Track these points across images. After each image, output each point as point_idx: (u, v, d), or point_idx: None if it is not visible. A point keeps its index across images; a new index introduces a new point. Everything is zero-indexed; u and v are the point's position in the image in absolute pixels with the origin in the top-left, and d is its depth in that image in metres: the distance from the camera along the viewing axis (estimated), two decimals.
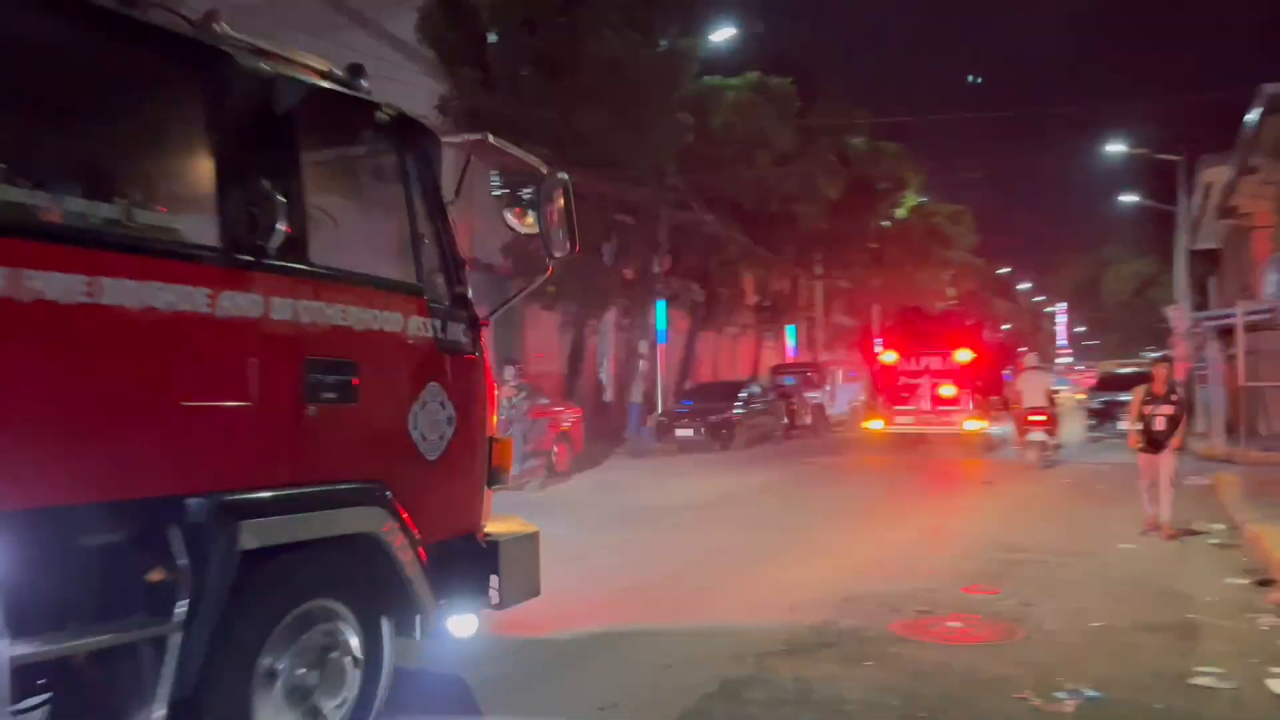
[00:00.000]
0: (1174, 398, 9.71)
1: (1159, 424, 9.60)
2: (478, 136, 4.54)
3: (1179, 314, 28.86)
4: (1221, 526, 9.93)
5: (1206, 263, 36.84)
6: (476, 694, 4.83)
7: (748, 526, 10.02)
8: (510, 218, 4.58)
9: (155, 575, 3.13)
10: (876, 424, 22.39)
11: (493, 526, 4.52)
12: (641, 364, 23.83)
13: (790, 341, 39.77)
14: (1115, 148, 36.44)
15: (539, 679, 5.16)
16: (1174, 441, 9.59)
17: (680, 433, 21.32)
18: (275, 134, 3.56)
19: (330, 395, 3.66)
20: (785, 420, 25.52)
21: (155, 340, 3.13)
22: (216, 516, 3.20)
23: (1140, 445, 9.82)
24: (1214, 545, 8.97)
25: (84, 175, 3.18)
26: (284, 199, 3.44)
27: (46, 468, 2.86)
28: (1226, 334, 20.14)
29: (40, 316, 2.80)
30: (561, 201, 4.54)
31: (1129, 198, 41.40)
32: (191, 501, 3.18)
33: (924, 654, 5.48)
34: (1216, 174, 25.90)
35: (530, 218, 4.52)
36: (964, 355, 21.42)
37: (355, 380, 3.76)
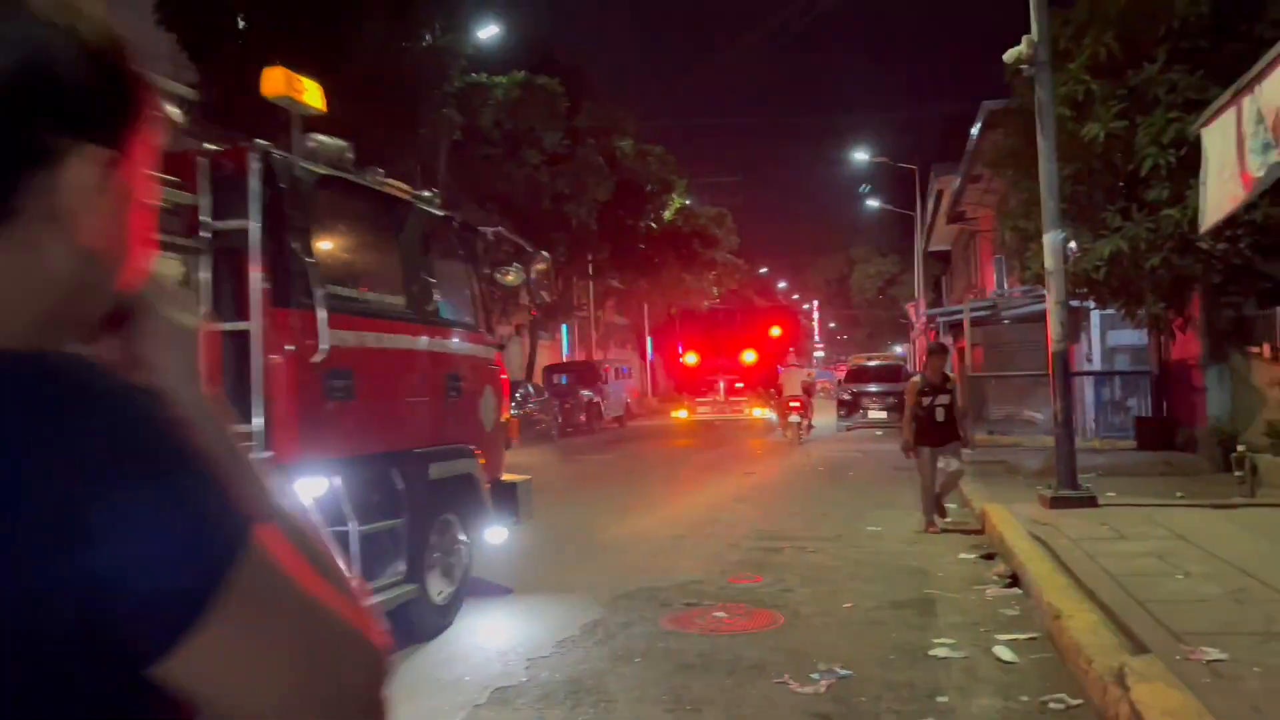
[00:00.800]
0: (949, 386, 9.51)
1: (940, 415, 9.39)
2: (495, 229, 7.30)
3: (917, 310, 31.39)
4: (954, 506, 10.85)
5: (940, 263, 40.40)
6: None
7: (519, 526, 9.93)
8: (498, 275, 7.03)
9: (377, 496, 5.53)
10: (683, 414, 29.84)
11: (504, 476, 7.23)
12: None
13: (564, 341, 40.02)
14: (860, 155, 39.25)
15: None
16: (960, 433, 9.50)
17: None
18: (424, 241, 6.28)
19: (453, 394, 6.38)
20: (560, 419, 25.67)
21: (398, 364, 5.82)
22: (420, 462, 5.82)
23: (911, 443, 9.54)
24: (948, 525, 9.77)
25: (362, 278, 5.86)
26: (433, 280, 6.23)
27: (364, 435, 5.47)
28: (957, 327, 22.14)
29: (363, 355, 5.42)
30: (543, 267, 7.16)
31: (873, 202, 44.68)
32: (407, 454, 5.74)
33: (691, 646, 5.64)
34: (946, 182, 28.38)
35: (512, 275, 6.98)
36: (750, 356, 28.38)
37: (463, 384, 6.47)
